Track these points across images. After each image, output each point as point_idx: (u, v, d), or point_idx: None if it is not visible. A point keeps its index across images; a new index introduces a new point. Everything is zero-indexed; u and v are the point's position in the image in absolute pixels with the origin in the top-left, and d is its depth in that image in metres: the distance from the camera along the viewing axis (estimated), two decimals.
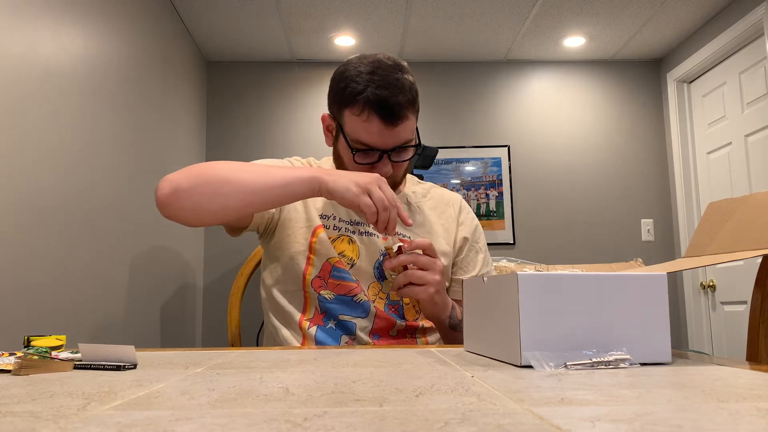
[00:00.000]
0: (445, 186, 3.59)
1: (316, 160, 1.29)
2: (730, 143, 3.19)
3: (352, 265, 1.15)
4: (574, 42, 3.48)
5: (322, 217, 1.19)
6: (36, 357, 0.65)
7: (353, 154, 1.11)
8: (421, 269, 1.01)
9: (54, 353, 0.71)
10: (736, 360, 0.66)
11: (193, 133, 3.34)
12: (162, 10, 2.82)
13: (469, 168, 3.63)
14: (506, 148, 3.65)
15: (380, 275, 1.16)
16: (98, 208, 2.05)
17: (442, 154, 3.56)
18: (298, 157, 1.29)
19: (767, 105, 2.91)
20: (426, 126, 3.66)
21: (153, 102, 2.65)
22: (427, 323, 1.18)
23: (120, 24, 2.29)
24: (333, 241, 1.16)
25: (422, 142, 3.19)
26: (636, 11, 3.13)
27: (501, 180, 3.62)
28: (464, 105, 3.70)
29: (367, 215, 0.96)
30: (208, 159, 3.55)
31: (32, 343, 0.77)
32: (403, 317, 1.16)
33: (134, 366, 0.63)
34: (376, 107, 1.07)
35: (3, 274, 1.51)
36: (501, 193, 3.60)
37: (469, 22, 3.23)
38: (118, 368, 0.61)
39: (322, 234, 1.16)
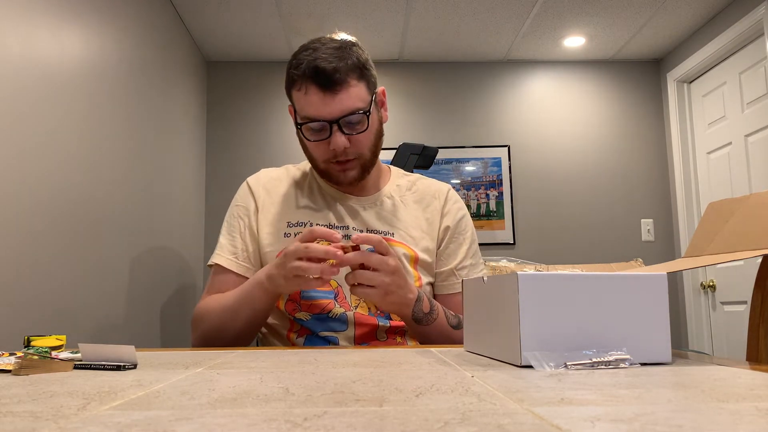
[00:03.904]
0: None
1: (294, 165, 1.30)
2: (730, 143, 3.19)
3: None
4: (574, 42, 3.48)
5: (298, 224, 1.17)
6: (36, 357, 0.65)
7: (300, 130, 1.11)
8: (373, 269, 0.96)
9: (54, 353, 0.71)
10: (736, 360, 0.66)
11: (193, 133, 3.34)
12: (162, 10, 2.81)
13: (469, 168, 3.63)
14: (506, 148, 3.65)
15: None
16: (98, 208, 2.05)
17: (442, 154, 3.56)
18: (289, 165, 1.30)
19: (767, 105, 2.91)
20: (426, 126, 3.66)
21: (153, 102, 2.65)
22: None
23: (120, 24, 2.29)
24: None
25: (423, 143, 3.20)
26: (636, 11, 3.13)
27: (501, 180, 3.62)
28: (464, 105, 3.70)
29: (313, 283, 0.95)
30: (207, 159, 3.55)
31: (32, 343, 0.77)
32: (388, 317, 1.14)
33: (134, 366, 0.63)
34: (312, 75, 1.06)
35: (3, 274, 1.51)
36: (501, 193, 3.60)
37: (469, 22, 3.23)
38: (118, 368, 0.61)
39: None
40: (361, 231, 1.17)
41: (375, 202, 1.20)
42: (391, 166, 1.30)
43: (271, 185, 1.23)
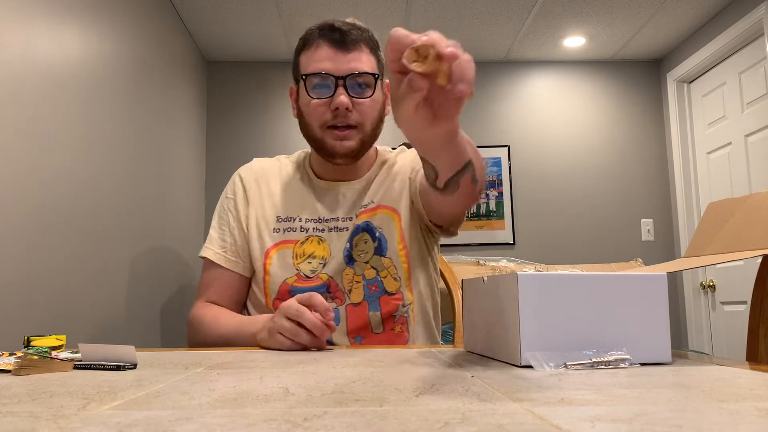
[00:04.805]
0: None
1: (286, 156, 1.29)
2: (730, 143, 3.19)
3: (325, 264, 1.12)
4: (574, 42, 3.48)
5: (287, 219, 1.16)
6: (36, 357, 0.65)
7: (305, 85, 1.07)
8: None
9: (54, 353, 0.71)
10: (736, 360, 0.66)
11: (193, 133, 3.34)
12: (162, 9, 2.82)
13: None
14: (506, 148, 3.65)
15: (349, 259, 1.11)
16: (98, 208, 2.05)
17: None
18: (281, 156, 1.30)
19: (767, 105, 2.91)
20: None
21: (153, 102, 2.65)
22: (409, 298, 1.12)
23: (120, 24, 2.29)
24: (302, 243, 1.13)
25: None
26: (636, 11, 3.13)
27: (501, 180, 3.62)
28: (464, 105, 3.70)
29: (292, 344, 0.86)
30: (207, 159, 3.55)
31: (32, 343, 0.77)
32: (384, 291, 1.11)
33: (134, 366, 0.63)
34: (327, 33, 1.09)
35: (3, 274, 1.51)
36: (501, 193, 3.60)
37: (469, 22, 3.23)
38: (118, 368, 0.61)
39: (275, 254, 1.14)
40: (350, 219, 1.15)
41: (364, 187, 1.18)
42: (377, 146, 1.25)
43: (262, 177, 1.22)
